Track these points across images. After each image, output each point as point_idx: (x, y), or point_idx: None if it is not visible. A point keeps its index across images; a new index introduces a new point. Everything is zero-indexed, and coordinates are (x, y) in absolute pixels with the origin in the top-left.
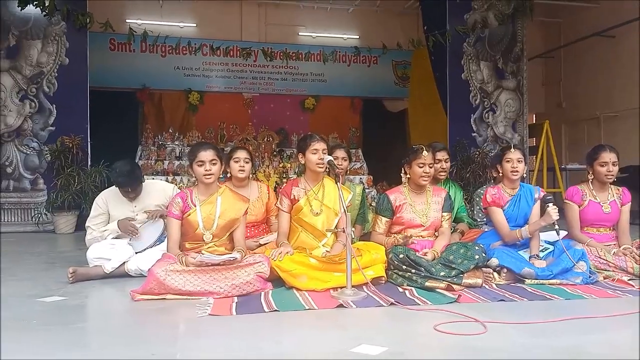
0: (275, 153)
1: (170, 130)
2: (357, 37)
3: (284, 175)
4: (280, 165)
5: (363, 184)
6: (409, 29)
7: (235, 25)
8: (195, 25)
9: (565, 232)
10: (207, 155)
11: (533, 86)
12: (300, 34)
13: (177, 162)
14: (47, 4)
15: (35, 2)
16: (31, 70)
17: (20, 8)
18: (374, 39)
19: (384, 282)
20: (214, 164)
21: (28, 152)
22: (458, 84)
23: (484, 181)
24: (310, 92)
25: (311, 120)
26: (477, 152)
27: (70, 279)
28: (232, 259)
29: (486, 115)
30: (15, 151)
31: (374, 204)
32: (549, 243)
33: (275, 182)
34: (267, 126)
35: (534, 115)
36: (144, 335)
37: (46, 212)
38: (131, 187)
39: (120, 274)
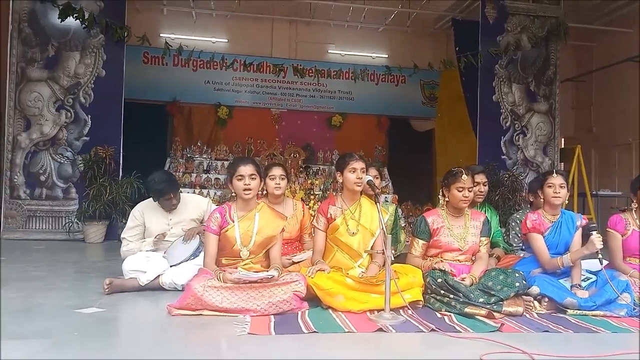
0: (301, 169)
1: (199, 144)
2: (386, 56)
3: (310, 192)
4: (307, 181)
5: (396, 206)
6: (438, 49)
7: (266, 41)
8: (227, 40)
9: (607, 262)
10: (246, 169)
11: (563, 109)
12: (330, 51)
13: (204, 175)
14: (86, 17)
15: (75, 15)
16: (69, 81)
17: (60, 20)
18: (403, 58)
19: (421, 306)
20: (253, 178)
21: (62, 161)
22: (489, 105)
23: (513, 205)
24: (338, 109)
25: (337, 137)
26: (507, 175)
27: (107, 290)
28: (269, 276)
29: (516, 138)
30: (50, 160)
31: (401, 223)
32: (591, 272)
33: (301, 198)
34: (294, 142)
35: (563, 139)
36: (186, 352)
37: (77, 221)
38: (173, 192)
39: (154, 287)
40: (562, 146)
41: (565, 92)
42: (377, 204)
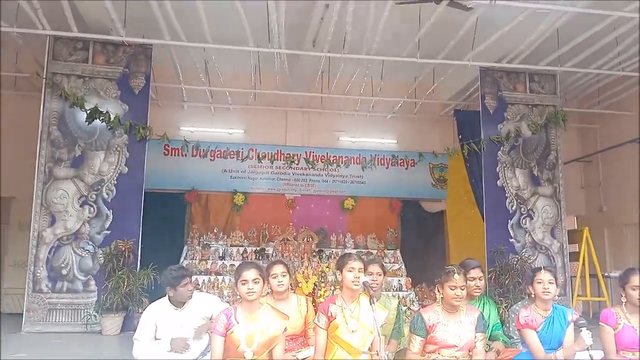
0: (314, 253)
1: (215, 230)
2: (395, 141)
3: (322, 277)
4: (319, 267)
5: (399, 301)
6: (445, 133)
7: (281, 131)
8: (243, 131)
9: (602, 354)
10: (250, 274)
11: (573, 189)
12: (340, 138)
13: (220, 262)
14: (112, 119)
15: (101, 118)
16: (93, 178)
17: (87, 122)
18: (411, 142)
19: None
20: (256, 282)
21: (83, 255)
22: (494, 190)
23: (524, 289)
24: (350, 193)
25: (350, 220)
26: (516, 259)
27: None
28: None
29: (523, 221)
30: (72, 254)
31: (413, 307)
32: None
33: (314, 283)
34: (308, 226)
35: (575, 218)
36: None
37: (95, 314)
38: (188, 277)
39: None
40: (574, 225)
41: (574, 172)
42: (372, 304)
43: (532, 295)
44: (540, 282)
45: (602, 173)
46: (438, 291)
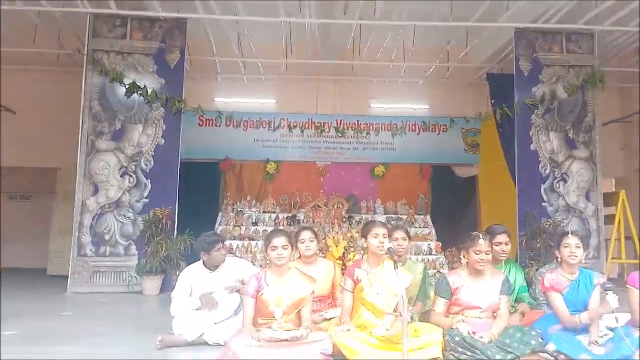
0: (344, 219)
1: (248, 198)
2: (427, 106)
3: (352, 242)
4: (349, 232)
5: (425, 263)
6: (478, 97)
7: (312, 99)
8: (275, 101)
9: (628, 317)
10: (279, 241)
11: (611, 151)
12: (372, 105)
13: (253, 228)
14: (149, 93)
15: (139, 92)
16: (132, 149)
17: (126, 97)
18: (443, 108)
19: None
20: (285, 248)
21: (124, 222)
22: (527, 155)
23: None
24: (380, 160)
25: (380, 187)
26: (549, 223)
27: (158, 346)
28: (297, 335)
29: (557, 185)
30: (114, 221)
31: (442, 270)
32: (610, 329)
33: (344, 247)
34: (338, 193)
35: (614, 180)
36: None
37: (136, 276)
38: (221, 242)
39: (200, 343)
40: (613, 187)
41: (612, 134)
42: (396, 269)
43: (559, 259)
44: (567, 246)
45: None
46: (463, 256)
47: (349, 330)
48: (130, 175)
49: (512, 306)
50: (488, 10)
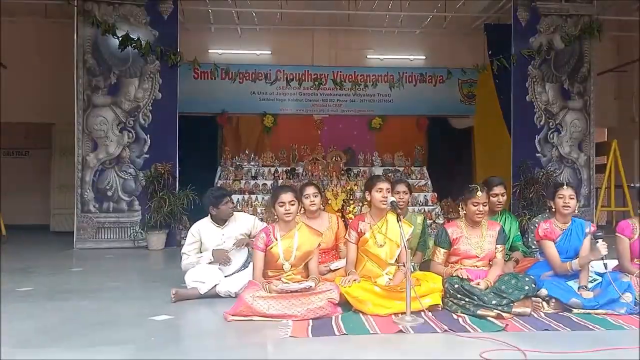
0: (343, 172)
1: (247, 152)
2: (424, 57)
3: (351, 194)
4: (348, 185)
5: (424, 214)
6: (475, 48)
7: (307, 51)
8: (270, 52)
9: (616, 263)
10: (286, 197)
11: (605, 100)
12: (368, 56)
13: (252, 182)
14: (143, 46)
15: (133, 44)
16: (129, 104)
17: (120, 50)
18: (441, 58)
19: (440, 309)
20: (292, 204)
21: (126, 177)
22: (522, 106)
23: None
24: (377, 112)
25: (377, 139)
26: (542, 173)
27: (173, 299)
28: (307, 287)
29: (551, 136)
30: (115, 176)
31: (438, 220)
32: (599, 274)
33: (343, 200)
34: (336, 146)
35: (606, 130)
36: (240, 353)
37: (141, 231)
38: (229, 195)
39: (212, 295)
40: (605, 137)
41: (607, 83)
42: (399, 222)
43: (553, 209)
44: (561, 197)
45: (637, 83)
46: (462, 208)
47: (355, 280)
48: (129, 131)
49: (507, 254)
50: None
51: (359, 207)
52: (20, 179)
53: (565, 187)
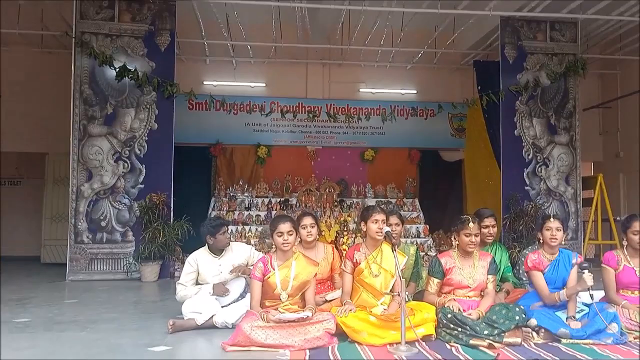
0: (336, 203)
1: (240, 183)
2: (415, 91)
3: (344, 226)
4: (341, 216)
5: (417, 247)
6: (465, 83)
7: (301, 83)
8: (264, 84)
9: (603, 294)
10: (285, 227)
11: (591, 135)
12: (361, 90)
13: (246, 213)
14: (140, 77)
15: (130, 76)
16: (125, 134)
17: (117, 80)
18: (431, 93)
19: (433, 339)
20: (290, 234)
21: (120, 208)
22: (511, 140)
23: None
24: (370, 144)
25: (370, 171)
26: (531, 206)
27: (170, 329)
28: (304, 316)
29: (539, 169)
30: (109, 207)
31: (430, 252)
32: (586, 305)
33: (337, 231)
34: (329, 177)
35: (592, 164)
36: None
37: (134, 262)
38: (226, 225)
39: (209, 326)
40: (591, 170)
41: (592, 118)
42: (394, 252)
43: (541, 241)
44: (548, 229)
45: (621, 119)
46: (454, 238)
47: (351, 310)
48: (125, 161)
49: (498, 285)
50: None
51: (353, 239)
52: (11, 209)
53: (552, 219)
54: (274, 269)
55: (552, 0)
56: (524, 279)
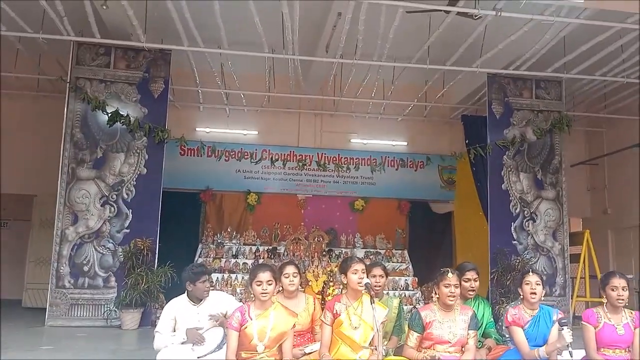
0: (324, 253)
1: (229, 230)
2: (405, 143)
3: (332, 276)
4: (329, 266)
5: (400, 298)
6: (454, 136)
7: (294, 132)
8: (256, 132)
9: (584, 353)
10: (264, 276)
11: (578, 191)
12: (352, 140)
13: (233, 260)
14: (132, 122)
15: (122, 121)
16: (114, 178)
17: (109, 125)
18: (421, 145)
19: None
20: (269, 284)
21: (104, 253)
22: (498, 193)
23: None
24: (360, 194)
25: (360, 221)
26: (518, 260)
27: None
28: None
29: (526, 224)
30: (93, 251)
31: (418, 305)
32: None
33: (324, 282)
34: (318, 226)
35: (581, 220)
36: None
37: (115, 309)
38: (207, 274)
39: None
40: (580, 226)
41: (580, 175)
42: (372, 303)
43: (521, 296)
44: (527, 284)
45: (608, 176)
46: (435, 292)
47: None
48: (111, 205)
49: (480, 341)
50: (463, 55)
51: (340, 289)
52: None
53: (531, 273)
54: (251, 319)
55: (537, 59)
56: (507, 335)
